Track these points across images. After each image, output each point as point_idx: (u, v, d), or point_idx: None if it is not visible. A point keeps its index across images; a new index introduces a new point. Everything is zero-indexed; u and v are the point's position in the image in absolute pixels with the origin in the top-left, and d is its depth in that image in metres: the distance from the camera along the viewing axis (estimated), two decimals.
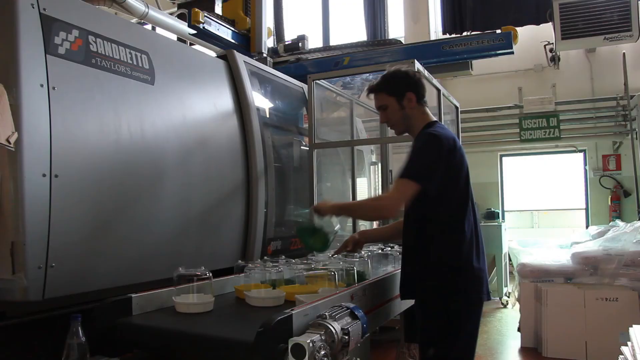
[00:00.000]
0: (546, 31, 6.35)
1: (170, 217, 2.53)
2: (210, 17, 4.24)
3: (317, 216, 2.19)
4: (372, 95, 2.23)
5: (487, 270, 2.18)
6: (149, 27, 3.82)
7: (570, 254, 4.50)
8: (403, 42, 6.17)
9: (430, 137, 2.03)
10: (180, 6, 5.67)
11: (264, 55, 4.56)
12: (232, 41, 4.56)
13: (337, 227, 2.35)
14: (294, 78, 4.01)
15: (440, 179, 1.96)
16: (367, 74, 4.14)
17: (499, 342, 5.35)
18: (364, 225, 3.82)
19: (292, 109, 4.02)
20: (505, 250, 7.04)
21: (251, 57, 4.75)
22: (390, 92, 2.15)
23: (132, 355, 1.72)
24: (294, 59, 5.25)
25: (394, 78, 2.18)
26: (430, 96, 3.46)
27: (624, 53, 5.96)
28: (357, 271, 2.10)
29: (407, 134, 2.23)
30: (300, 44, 5.48)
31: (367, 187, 4.75)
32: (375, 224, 3.46)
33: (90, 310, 1.69)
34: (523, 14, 6.62)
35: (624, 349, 2.54)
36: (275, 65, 4.82)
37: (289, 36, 6.45)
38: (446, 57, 4.85)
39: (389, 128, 2.29)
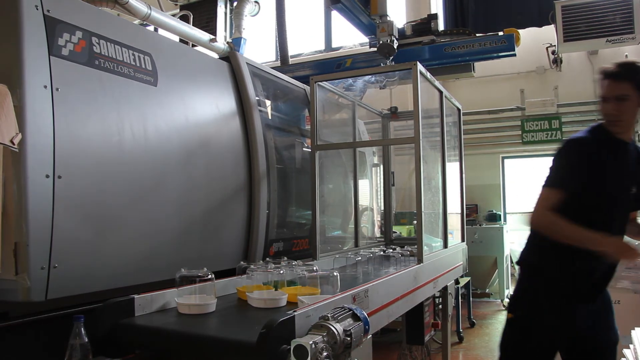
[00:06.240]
0: (548, 33, 6.34)
1: (172, 218, 2.53)
2: None
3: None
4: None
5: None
6: (151, 28, 3.82)
7: None
8: None
9: None
10: (182, 8, 5.66)
11: (392, 38, 4.26)
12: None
13: None
14: (427, 62, 3.91)
15: None
16: (370, 76, 4.14)
17: None
18: None
19: (294, 111, 4.02)
20: (507, 252, 7.04)
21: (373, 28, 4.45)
22: (638, 85, 2.01)
23: (134, 356, 1.72)
24: (428, 40, 4.89)
25: None
26: (432, 98, 3.48)
27: (626, 55, 5.94)
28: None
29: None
30: (432, 24, 5.03)
31: (369, 189, 4.75)
32: None
33: (93, 311, 1.70)
34: (525, 16, 6.61)
35: (626, 351, 2.53)
36: (401, 48, 4.59)
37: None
38: (448, 59, 4.85)
39: (610, 122, 2.09)
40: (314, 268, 2.20)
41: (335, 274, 2.05)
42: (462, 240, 4.21)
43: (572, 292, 2.19)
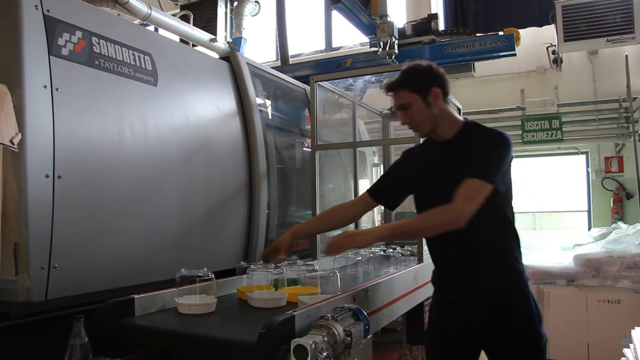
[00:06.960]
0: (548, 33, 6.33)
1: (172, 218, 2.53)
2: None
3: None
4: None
5: None
6: (151, 28, 3.82)
7: (572, 256, 4.50)
8: None
9: (503, 137, 1.91)
10: (182, 8, 5.65)
11: (393, 39, 4.29)
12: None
13: None
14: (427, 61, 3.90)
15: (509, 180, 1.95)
16: (370, 76, 4.14)
17: None
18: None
19: (294, 111, 4.02)
20: None
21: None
22: (414, 89, 1.93)
23: (134, 356, 1.72)
24: (428, 40, 4.89)
25: (416, 72, 1.98)
26: None
27: (626, 55, 5.93)
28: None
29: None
30: (432, 23, 5.02)
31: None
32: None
33: (93, 311, 1.70)
34: (525, 16, 6.60)
35: (626, 351, 2.54)
36: (401, 48, 4.64)
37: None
38: (448, 59, 4.84)
39: (411, 129, 2.04)
40: (314, 268, 2.20)
41: (335, 273, 2.05)
42: None
43: (441, 296, 2.12)
